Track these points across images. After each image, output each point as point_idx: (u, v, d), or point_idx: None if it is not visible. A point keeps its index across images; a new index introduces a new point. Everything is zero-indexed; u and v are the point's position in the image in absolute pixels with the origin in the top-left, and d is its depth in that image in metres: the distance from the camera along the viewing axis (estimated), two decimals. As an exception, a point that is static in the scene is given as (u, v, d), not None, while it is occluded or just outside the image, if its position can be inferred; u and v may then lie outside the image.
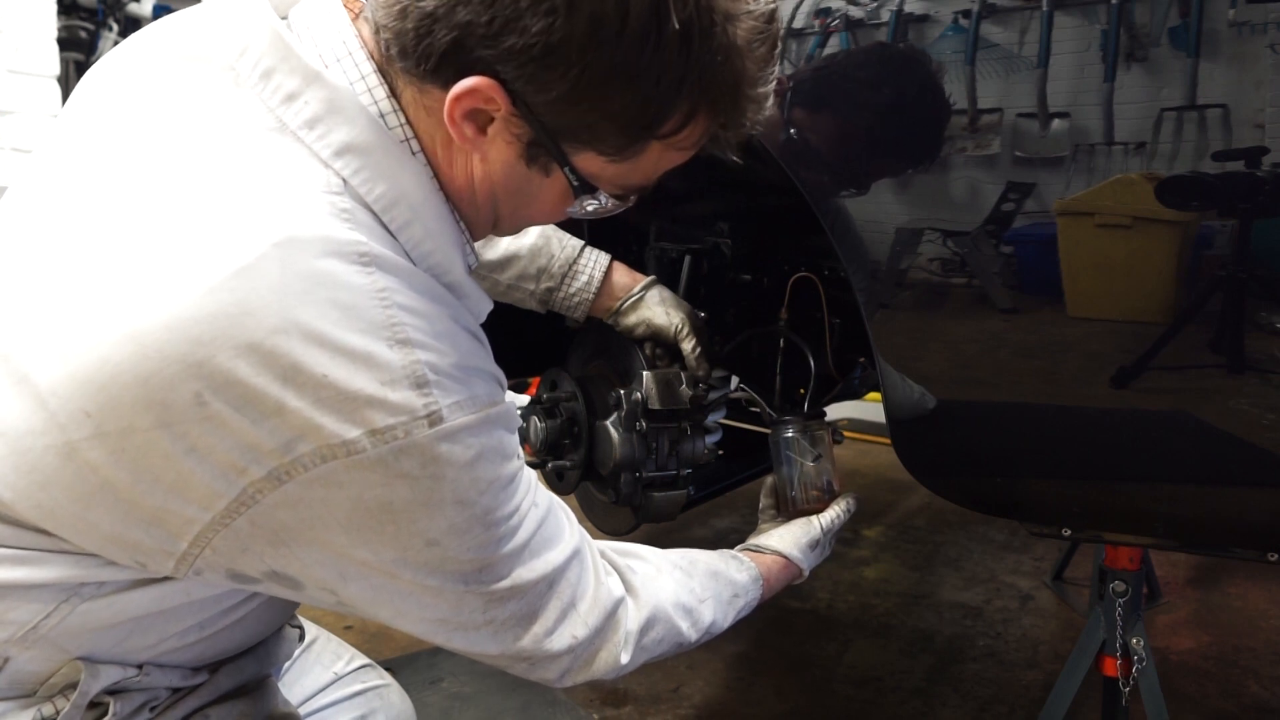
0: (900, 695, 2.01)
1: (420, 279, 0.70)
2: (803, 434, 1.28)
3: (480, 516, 0.73)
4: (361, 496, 0.67)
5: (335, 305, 0.64)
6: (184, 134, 0.69)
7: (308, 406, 0.63)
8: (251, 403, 0.62)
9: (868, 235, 1.06)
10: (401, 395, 0.65)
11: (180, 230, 0.64)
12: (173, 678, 0.80)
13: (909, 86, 1.04)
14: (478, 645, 0.80)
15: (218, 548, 0.68)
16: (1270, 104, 0.84)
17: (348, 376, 0.63)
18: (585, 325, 1.37)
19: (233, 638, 0.85)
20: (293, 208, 0.65)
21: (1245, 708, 1.96)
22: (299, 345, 0.62)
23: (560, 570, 0.83)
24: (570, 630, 0.84)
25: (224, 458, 0.63)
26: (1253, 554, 1.05)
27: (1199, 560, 2.67)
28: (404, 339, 0.66)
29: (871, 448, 3.66)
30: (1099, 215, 0.94)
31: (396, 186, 0.71)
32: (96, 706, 0.75)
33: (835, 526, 1.25)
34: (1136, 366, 0.95)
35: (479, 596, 0.76)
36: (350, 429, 0.64)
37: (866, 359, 1.61)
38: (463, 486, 0.70)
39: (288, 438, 0.63)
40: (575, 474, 1.38)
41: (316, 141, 0.68)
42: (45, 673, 0.74)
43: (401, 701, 1.21)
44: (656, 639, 0.94)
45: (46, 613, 0.70)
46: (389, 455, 0.65)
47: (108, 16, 4.65)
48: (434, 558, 0.72)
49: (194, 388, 0.61)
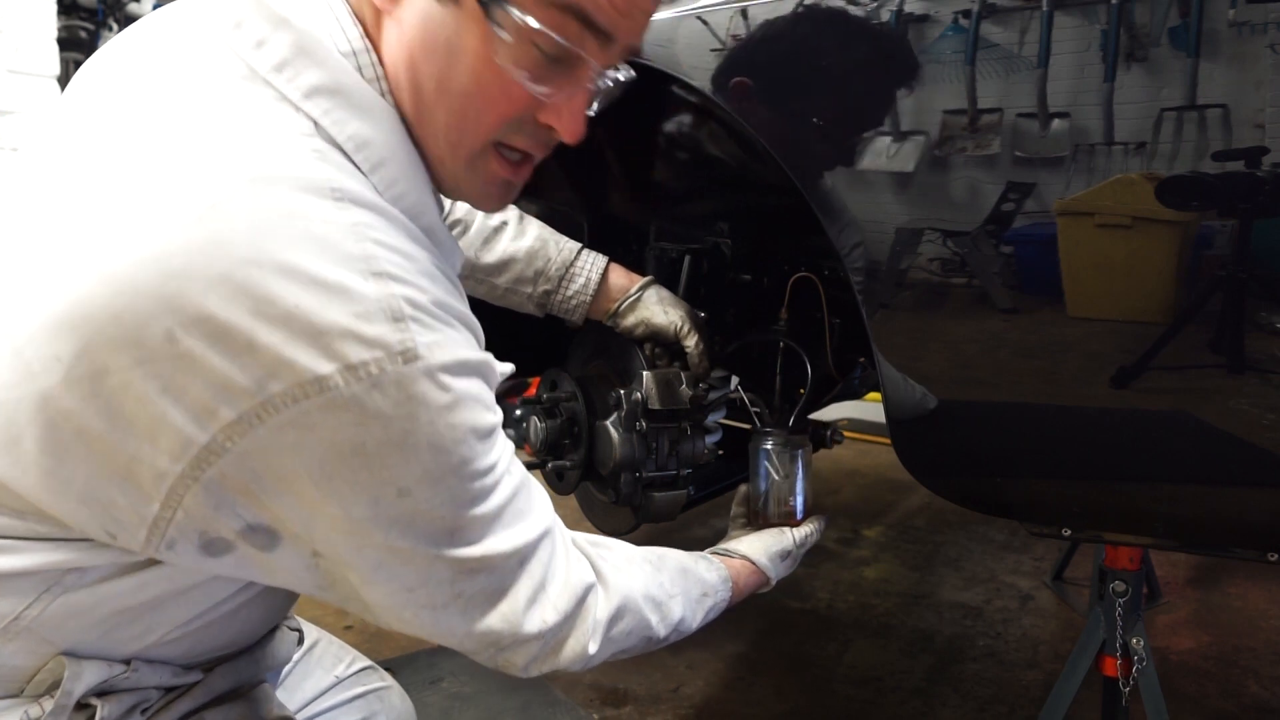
0: (900, 695, 2.01)
1: (396, 218, 0.70)
2: (783, 448, 1.27)
3: (455, 467, 0.70)
4: (334, 440, 0.65)
5: (309, 237, 0.63)
6: (158, 87, 0.69)
7: (280, 341, 0.61)
8: (223, 338, 0.61)
9: (867, 235, 1.06)
10: (377, 329, 0.64)
11: (151, 174, 0.64)
12: (163, 675, 0.79)
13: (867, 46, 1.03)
14: (445, 623, 0.77)
15: (189, 509, 0.66)
16: (1270, 104, 0.84)
17: (321, 308, 0.62)
18: (585, 326, 1.36)
19: (224, 633, 0.83)
20: (265, 147, 0.65)
21: (1245, 708, 1.96)
22: (271, 277, 0.61)
23: (532, 547, 0.80)
24: (541, 614, 0.81)
25: (196, 398, 0.62)
26: (1253, 554, 1.05)
27: (1199, 560, 2.67)
28: (380, 271, 0.65)
29: (871, 448, 3.66)
30: (1099, 215, 0.94)
31: (367, 127, 0.71)
32: (85, 709, 0.74)
33: (807, 543, 1.23)
34: (1136, 366, 0.95)
35: (448, 564, 0.74)
36: (323, 363, 0.62)
37: (866, 359, 1.61)
38: (438, 431, 0.68)
39: (259, 375, 0.62)
40: (575, 474, 1.38)
41: (286, 84, 0.69)
42: (30, 667, 0.73)
43: (402, 703, 1.21)
44: (625, 630, 0.91)
45: (28, 603, 0.70)
46: (362, 392, 0.64)
47: (108, 16, 4.65)
48: (405, 511, 0.69)
49: (166, 324, 0.61)
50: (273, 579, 0.75)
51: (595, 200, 1.66)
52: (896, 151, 1.03)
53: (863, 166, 1.05)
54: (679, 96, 1.32)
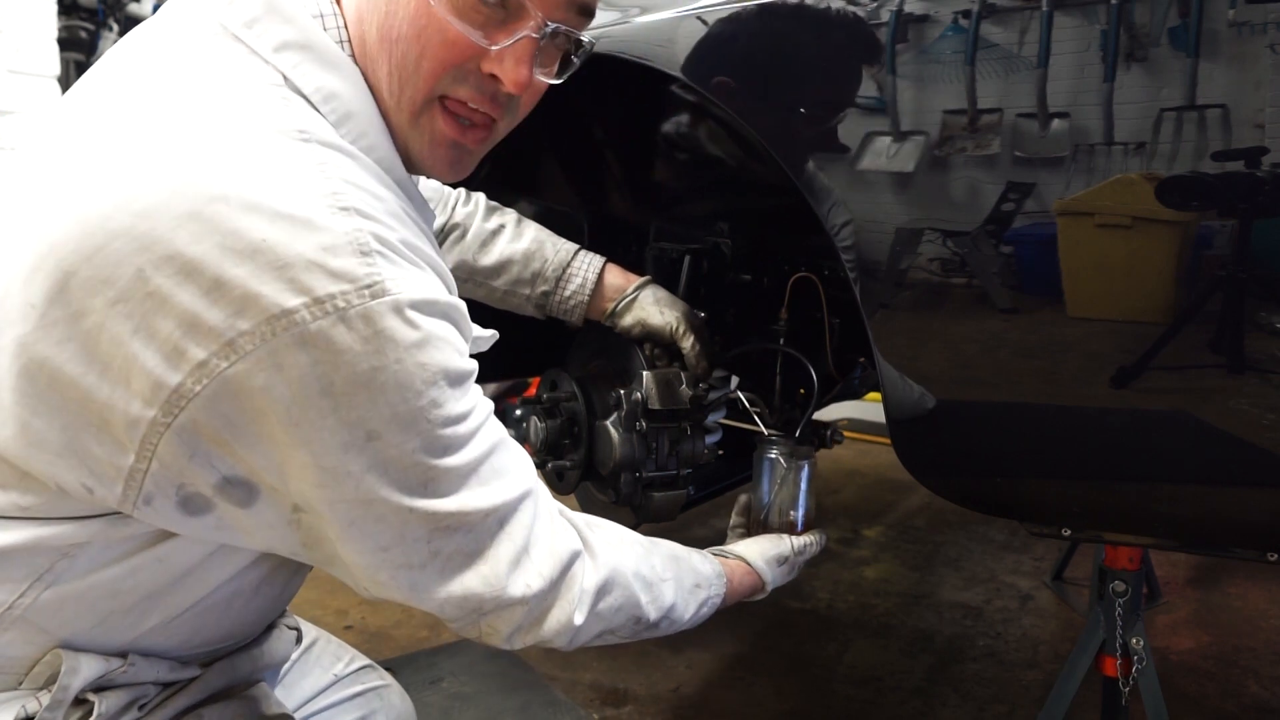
0: (900, 695, 2.01)
1: (365, 162, 0.71)
2: (788, 458, 1.25)
3: (425, 410, 0.69)
4: (302, 379, 0.64)
5: (276, 173, 0.64)
6: (136, 54, 0.72)
7: (246, 275, 0.62)
8: (192, 274, 0.62)
9: (867, 235, 1.06)
10: (343, 262, 0.64)
11: (122, 123, 0.66)
12: (160, 670, 0.79)
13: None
14: (423, 585, 0.75)
15: (164, 458, 0.66)
16: (1270, 104, 0.84)
17: (287, 241, 0.62)
18: (584, 326, 1.37)
19: (220, 625, 0.83)
20: (234, 94, 0.67)
21: (1245, 708, 1.96)
22: (238, 212, 0.62)
23: (511, 507, 0.78)
24: (524, 578, 0.79)
25: (168, 338, 0.62)
26: (1253, 554, 1.05)
27: (1199, 560, 2.67)
28: (347, 206, 0.65)
29: (871, 448, 3.67)
30: (1099, 215, 0.94)
31: (334, 80, 0.73)
32: (84, 704, 0.74)
33: (806, 552, 1.21)
34: (1136, 366, 0.95)
35: (423, 520, 0.72)
36: (290, 297, 0.62)
37: (866, 359, 1.61)
38: (406, 369, 0.67)
39: (228, 312, 0.62)
40: (575, 474, 1.38)
41: (256, 40, 0.71)
42: (27, 658, 0.73)
43: (402, 702, 1.21)
44: (613, 605, 0.88)
45: (20, 591, 0.70)
46: (329, 326, 0.63)
47: (108, 16, 4.66)
48: (377, 457, 0.68)
49: (137, 262, 0.61)
50: (254, 540, 0.74)
51: (595, 200, 1.66)
52: (896, 151, 1.03)
53: (863, 166, 1.05)
54: (679, 96, 1.32)
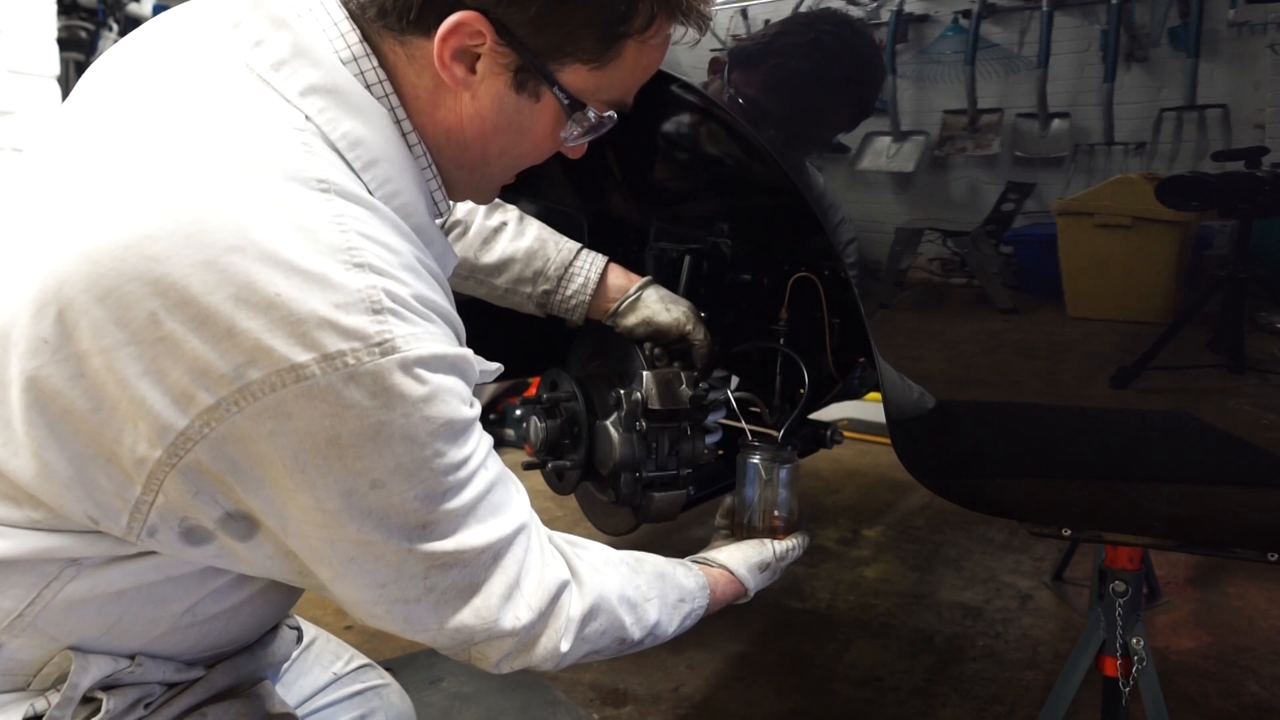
0: (900, 695, 2.01)
1: (384, 213, 0.71)
2: (771, 462, 1.27)
3: (428, 460, 0.71)
4: (310, 429, 0.65)
5: (292, 226, 0.64)
6: (154, 81, 0.71)
7: (259, 328, 0.62)
8: (205, 323, 0.62)
9: (866, 235, 1.06)
10: (355, 320, 0.64)
11: (139, 160, 0.65)
12: (166, 671, 0.80)
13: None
14: (417, 619, 0.77)
15: (170, 493, 0.67)
16: (1270, 104, 0.84)
17: (300, 297, 0.63)
18: (585, 326, 1.37)
19: (227, 630, 0.84)
20: (255, 138, 0.67)
21: (1245, 708, 1.96)
22: (253, 264, 0.62)
23: (506, 542, 0.80)
24: (515, 611, 0.81)
25: (176, 382, 0.63)
26: (1253, 554, 1.05)
27: (1199, 560, 2.67)
28: (362, 263, 0.66)
29: (871, 448, 3.67)
30: (1099, 215, 0.94)
31: (361, 127, 0.73)
32: (90, 702, 0.75)
33: (789, 557, 1.23)
34: (1136, 366, 0.95)
35: (421, 559, 0.74)
36: (300, 352, 0.63)
37: (866, 359, 1.61)
38: (413, 424, 0.68)
39: (238, 362, 0.63)
40: (575, 474, 1.38)
41: (282, 83, 0.70)
42: (37, 662, 0.74)
43: (401, 701, 1.21)
44: (598, 630, 0.91)
45: (30, 599, 0.70)
46: (339, 382, 0.64)
47: (108, 16, 4.65)
48: (378, 504, 0.70)
49: (150, 307, 0.62)
50: (251, 569, 0.75)
51: (595, 200, 1.66)
52: (896, 151, 1.03)
53: (862, 166, 1.05)
54: (679, 96, 1.32)
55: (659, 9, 0.78)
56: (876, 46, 1.02)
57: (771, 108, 1.12)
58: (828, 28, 1.07)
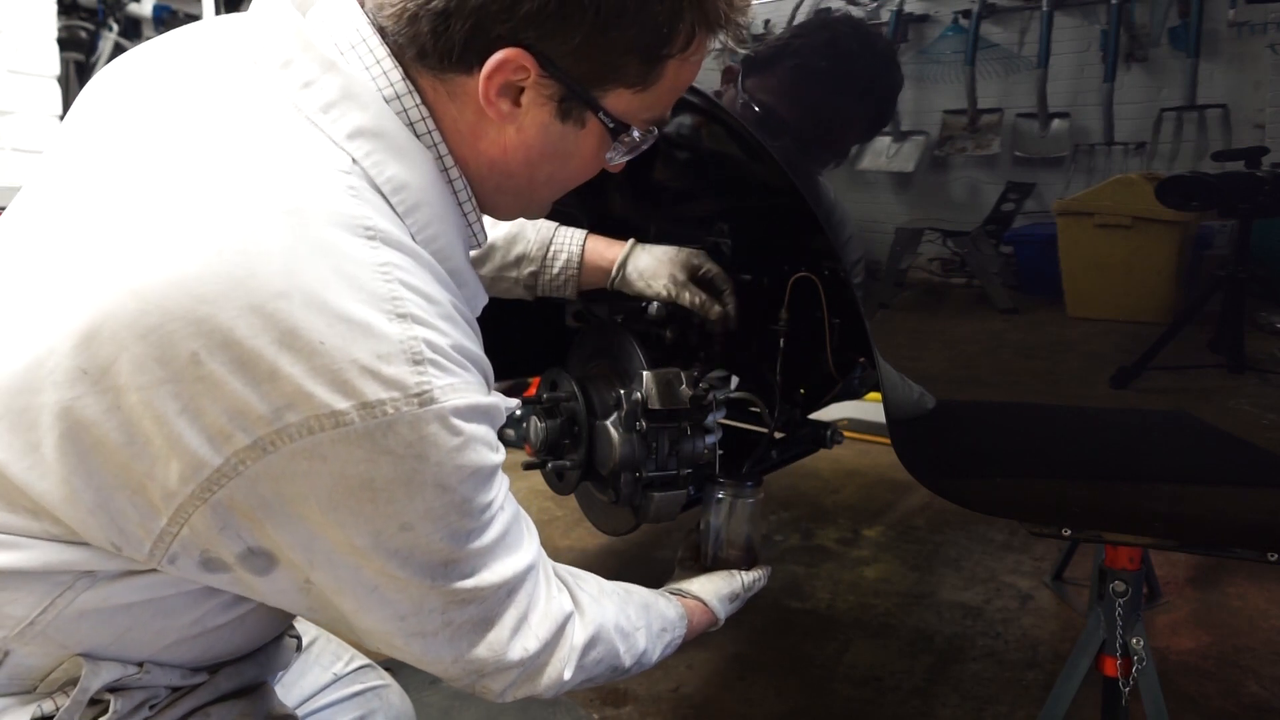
0: (900, 695, 2.01)
1: (425, 260, 0.72)
2: (734, 497, 1.30)
3: (457, 505, 0.72)
4: (344, 472, 0.66)
5: (339, 274, 0.64)
6: (202, 118, 0.71)
7: (301, 373, 0.63)
8: (247, 365, 0.62)
9: (866, 235, 1.06)
10: (396, 370, 0.65)
11: (189, 199, 0.65)
12: (173, 676, 0.81)
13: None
14: (432, 652, 0.79)
15: (196, 526, 0.67)
16: (1270, 104, 0.84)
17: (344, 345, 0.64)
18: (586, 325, 1.37)
19: (233, 639, 0.85)
20: (305, 181, 0.67)
21: (1245, 708, 1.96)
22: (300, 310, 0.63)
23: (520, 578, 0.82)
24: (523, 643, 0.84)
25: (214, 421, 0.63)
26: (1253, 554, 1.05)
27: (1199, 560, 2.67)
28: (404, 314, 0.67)
29: (871, 448, 3.67)
30: (1099, 215, 0.94)
31: (406, 170, 0.73)
32: (96, 704, 0.75)
33: (754, 587, 1.26)
34: (1136, 366, 0.95)
35: (441, 595, 0.76)
36: (340, 400, 0.64)
37: (866, 359, 1.61)
38: (445, 471, 0.70)
39: (278, 405, 0.63)
40: (575, 474, 1.38)
41: (330, 125, 0.71)
42: (45, 668, 0.74)
43: (401, 701, 1.21)
44: (596, 659, 0.94)
45: (42, 607, 0.71)
46: (376, 430, 0.65)
47: (108, 16, 4.65)
48: (405, 544, 0.71)
49: (192, 346, 0.62)
50: (264, 598, 0.77)
51: (595, 200, 1.66)
52: (896, 151, 1.03)
53: (862, 166, 1.05)
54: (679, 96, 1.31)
55: (699, 25, 0.77)
56: (892, 54, 1.02)
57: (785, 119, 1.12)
58: (836, 33, 1.07)
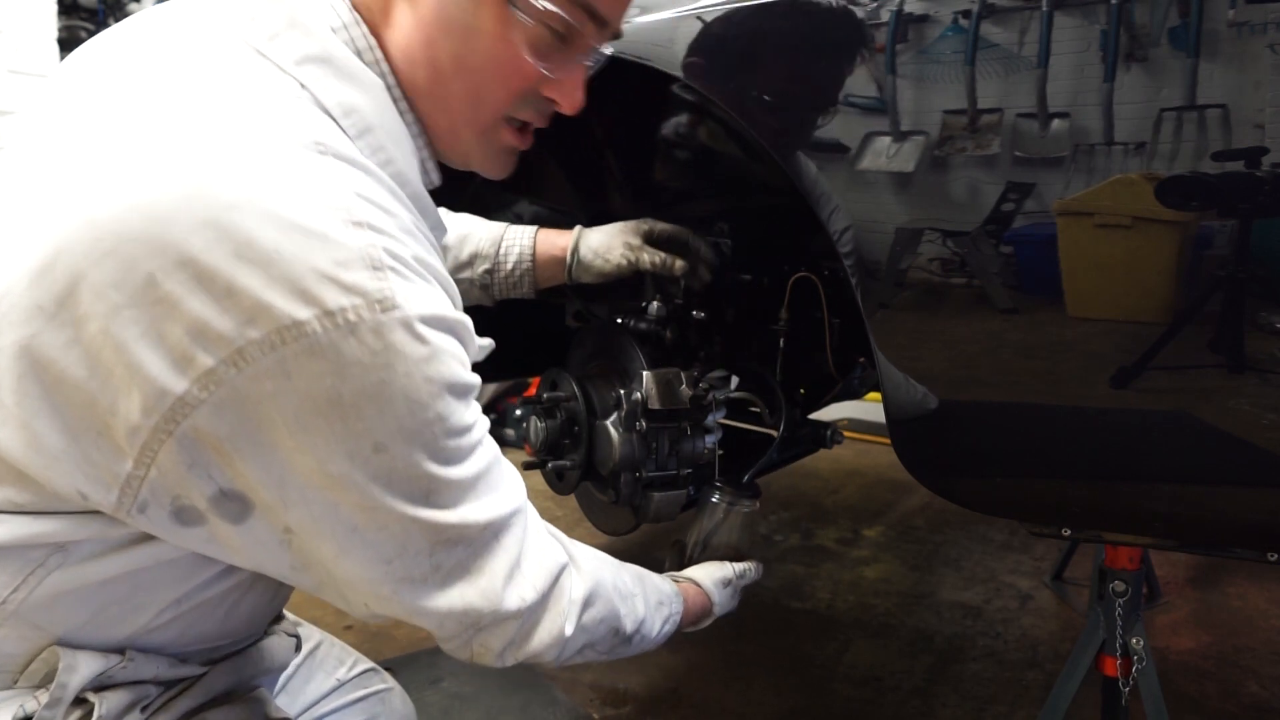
0: (900, 695, 2.01)
1: (380, 178, 0.72)
2: (729, 505, 1.30)
3: (430, 423, 0.70)
4: (311, 390, 0.65)
5: (292, 185, 0.64)
6: (153, 56, 0.71)
7: (259, 284, 0.62)
8: (204, 281, 0.61)
9: (866, 235, 1.06)
10: (355, 276, 0.64)
11: (137, 127, 0.66)
12: (159, 666, 0.79)
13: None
14: (425, 600, 0.76)
15: (163, 466, 0.66)
16: (1270, 104, 0.84)
17: (301, 253, 0.63)
18: (586, 325, 1.37)
19: (216, 618, 0.82)
20: (254, 103, 0.67)
21: (1245, 708, 1.96)
22: (253, 220, 0.62)
23: (505, 521, 0.80)
24: (519, 591, 0.81)
25: (175, 345, 0.62)
26: (1253, 554, 1.05)
27: (1199, 560, 2.67)
28: (360, 221, 0.66)
29: (871, 448, 3.67)
30: (1099, 215, 0.94)
31: (355, 94, 0.74)
32: (83, 704, 0.74)
33: (747, 576, 1.25)
34: (1136, 366, 0.95)
35: (425, 531, 0.73)
36: (301, 308, 0.63)
37: (866, 359, 1.61)
38: (415, 383, 0.68)
39: (238, 320, 0.62)
40: (575, 474, 1.38)
41: (277, 53, 0.71)
42: (22, 656, 0.73)
43: (404, 706, 1.21)
44: (597, 617, 0.91)
45: (14, 586, 0.70)
46: (339, 338, 0.64)
47: (108, 16, 4.66)
48: (382, 467, 0.69)
49: (148, 267, 0.61)
50: (243, 558, 0.74)
51: (595, 200, 1.66)
52: (896, 151, 1.03)
53: (862, 166, 1.05)
54: (679, 96, 1.32)
55: None
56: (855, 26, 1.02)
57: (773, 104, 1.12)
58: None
